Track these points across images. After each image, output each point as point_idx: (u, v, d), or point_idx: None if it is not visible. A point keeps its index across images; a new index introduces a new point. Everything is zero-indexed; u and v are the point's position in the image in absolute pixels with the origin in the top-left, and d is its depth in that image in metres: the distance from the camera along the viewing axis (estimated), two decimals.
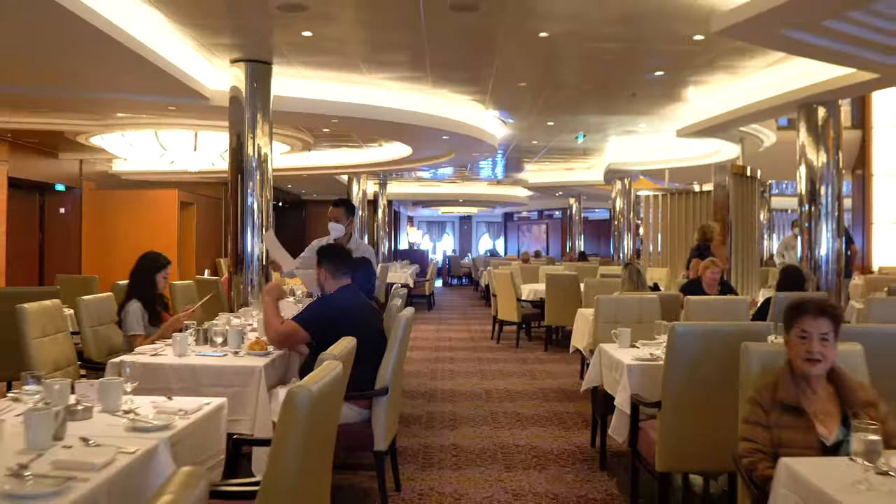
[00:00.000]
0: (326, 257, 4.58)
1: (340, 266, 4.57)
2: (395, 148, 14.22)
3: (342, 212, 6.19)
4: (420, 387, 8.14)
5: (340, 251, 4.73)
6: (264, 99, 8.09)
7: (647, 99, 10.04)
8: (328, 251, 4.66)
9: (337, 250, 4.72)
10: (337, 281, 4.54)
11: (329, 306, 4.43)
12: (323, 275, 4.56)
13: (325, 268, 4.56)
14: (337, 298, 4.47)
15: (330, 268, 4.54)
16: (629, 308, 6.01)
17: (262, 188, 8.06)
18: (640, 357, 4.59)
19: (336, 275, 4.54)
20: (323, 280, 4.57)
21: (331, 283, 4.55)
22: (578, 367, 9.10)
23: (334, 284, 4.53)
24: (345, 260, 4.63)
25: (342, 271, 4.56)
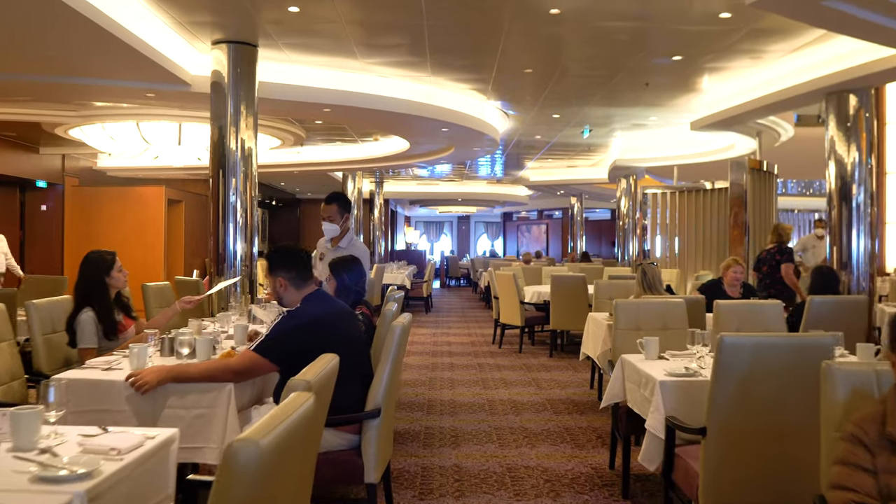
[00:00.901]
0: (280, 262, 3.80)
1: (301, 270, 3.79)
2: (391, 142, 13.58)
3: (335, 209, 5.58)
4: (418, 397, 7.50)
5: (295, 252, 3.89)
6: (249, 85, 7.46)
7: (660, 88, 9.41)
8: (282, 254, 3.87)
9: (291, 251, 3.89)
10: (299, 290, 3.77)
11: (295, 324, 3.62)
12: (280, 285, 3.79)
13: (282, 276, 3.78)
14: (304, 313, 3.68)
15: (287, 275, 3.77)
16: (652, 313, 5.38)
17: (247, 185, 7.44)
18: (674, 372, 3.95)
19: (297, 282, 3.77)
20: (281, 291, 3.80)
21: (292, 293, 3.78)
22: (588, 375, 8.50)
23: (296, 295, 3.77)
24: (304, 262, 3.84)
25: (303, 276, 3.80)
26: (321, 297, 3.82)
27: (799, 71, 7.93)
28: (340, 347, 3.62)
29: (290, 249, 3.91)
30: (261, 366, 3.56)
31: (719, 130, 10.34)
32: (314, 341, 3.54)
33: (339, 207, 5.59)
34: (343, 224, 5.63)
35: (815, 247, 12.45)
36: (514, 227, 35.46)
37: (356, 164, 15.30)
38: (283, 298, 3.80)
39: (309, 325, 3.62)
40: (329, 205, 5.62)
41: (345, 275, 4.72)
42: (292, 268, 3.77)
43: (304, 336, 3.57)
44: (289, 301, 3.77)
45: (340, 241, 5.68)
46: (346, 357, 3.67)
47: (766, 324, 5.32)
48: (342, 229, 5.65)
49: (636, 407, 4.26)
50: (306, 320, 3.63)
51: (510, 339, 11.43)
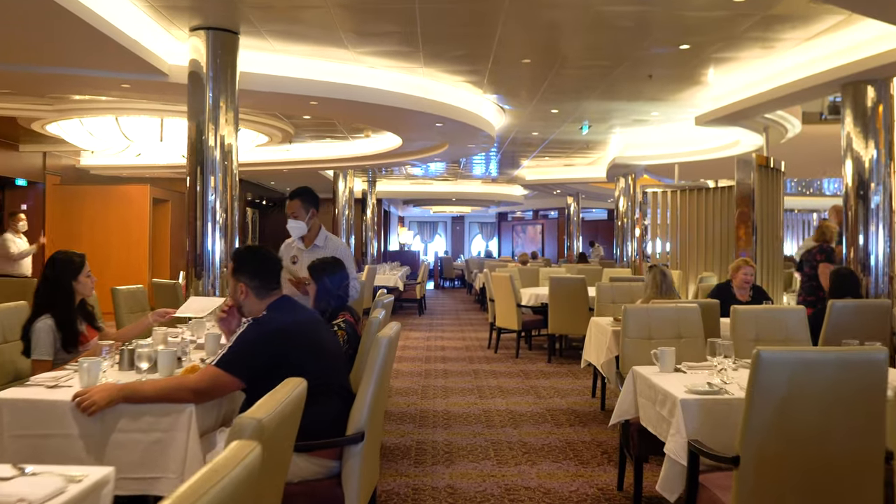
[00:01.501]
0: (247, 266, 3.35)
1: (267, 279, 3.34)
2: (383, 139, 13.13)
3: (299, 205, 5.14)
4: (409, 407, 7.05)
5: (267, 258, 3.45)
6: (229, 75, 7.01)
7: (663, 81, 8.97)
8: (251, 257, 3.42)
9: (263, 257, 3.44)
10: (262, 300, 3.32)
11: (261, 334, 3.16)
12: (241, 291, 3.33)
13: (244, 282, 3.32)
14: (271, 321, 3.22)
15: (251, 283, 3.32)
16: (664, 320, 4.93)
17: (227, 184, 6.98)
18: (696, 389, 3.50)
19: (260, 292, 3.32)
20: (241, 299, 3.34)
21: (253, 302, 3.32)
22: (589, 382, 8.06)
23: (258, 305, 3.31)
24: (274, 271, 3.41)
25: (268, 286, 3.34)
26: (290, 305, 3.37)
27: (813, 61, 7.50)
28: (315, 361, 3.19)
29: (262, 254, 3.46)
30: (223, 383, 3.10)
31: (726, 125, 9.89)
32: (284, 353, 3.11)
33: (304, 202, 5.14)
34: (310, 221, 5.17)
35: None
36: (509, 227, 35.02)
37: (347, 161, 14.84)
38: (243, 307, 3.35)
39: (277, 335, 3.16)
40: (292, 200, 5.17)
41: (326, 278, 4.28)
42: (258, 275, 3.33)
43: (272, 347, 3.12)
44: (249, 310, 3.32)
45: (315, 239, 5.23)
46: (322, 372, 3.23)
47: (788, 332, 4.89)
48: (310, 227, 5.19)
49: (651, 426, 3.82)
50: (274, 329, 3.18)
51: (506, 344, 10.98)
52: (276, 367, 3.08)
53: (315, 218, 5.19)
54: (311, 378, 3.21)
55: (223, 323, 3.60)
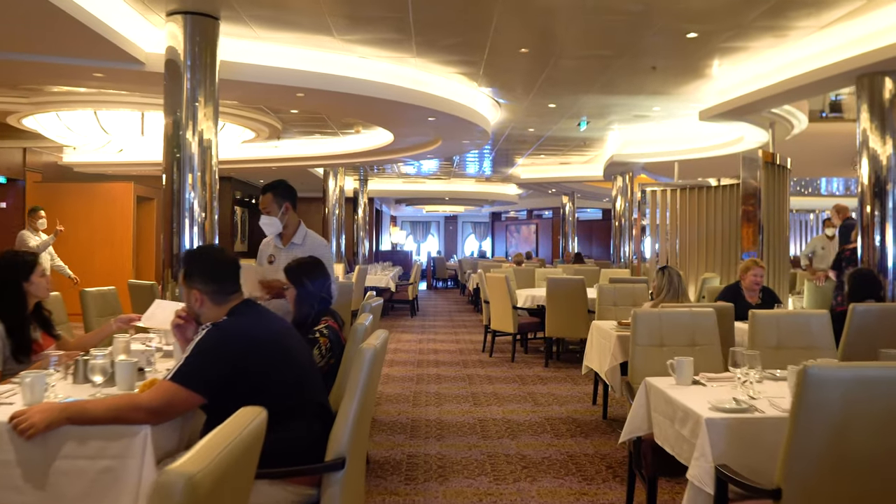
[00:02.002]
0: (197, 270, 2.95)
1: (223, 283, 2.94)
2: (375, 135, 12.72)
3: (271, 199, 4.71)
4: (400, 416, 6.64)
5: (218, 258, 3.04)
6: (208, 64, 6.58)
7: (667, 73, 8.58)
8: (200, 260, 3.03)
9: (213, 258, 3.04)
10: (220, 306, 2.92)
11: (222, 341, 2.75)
12: (196, 299, 2.93)
13: (198, 287, 2.92)
14: (233, 326, 2.82)
15: (205, 288, 2.92)
16: (677, 325, 4.53)
17: (206, 181, 6.55)
18: (723, 406, 3.10)
19: (217, 295, 2.91)
20: (197, 307, 2.94)
21: (210, 310, 2.92)
22: (589, 388, 7.67)
23: (217, 311, 2.91)
24: (228, 272, 2.99)
25: (226, 290, 2.94)
26: (254, 309, 2.97)
27: (826, 52, 7.12)
28: (285, 373, 2.79)
29: (214, 255, 3.05)
30: (180, 400, 2.68)
31: (731, 121, 9.51)
32: (249, 363, 2.70)
33: (276, 196, 4.70)
34: (284, 216, 4.74)
35: (824, 248, 11.71)
36: (503, 227, 34.62)
37: (338, 158, 14.40)
38: (201, 316, 2.94)
39: (241, 341, 2.76)
40: (264, 195, 4.74)
41: (306, 280, 3.87)
42: (212, 279, 2.93)
43: (234, 356, 2.72)
44: (207, 319, 2.90)
45: (293, 237, 4.80)
46: (295, 386, 2.83)
47: (811, 338, 4.50)
48: (285, 223, 4.77)
49: (668, 445, 3.42)
50: (237, 335, 2.78)
51: (501, 347, 10.59)
52: (241, 379, 2.68)
53: (290, 213, 4.76)
54: (282, 394, 2.81)
55: (179, 331, 3.18)
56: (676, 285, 5.59)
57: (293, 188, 4.84)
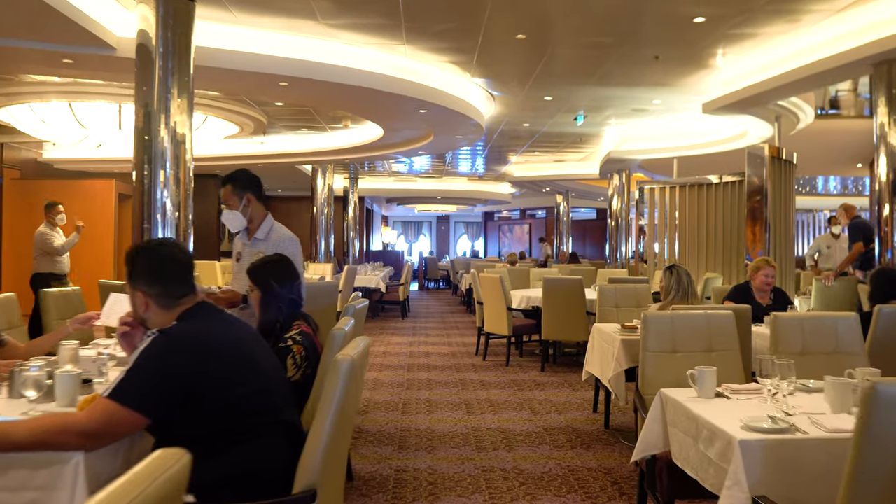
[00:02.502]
0: (143, 270, 2.51)
1: (170, 285, 2.50)
2: (364, 130, 12.29)
3: (230, 191, 4.28)
4: (389, 425, 6.20)
5: (159, 250, 2.58)
6: (183, 49, 6.10)
7: (670, 63, 8.18)
8: (145, 257, 2.54)
9: (153, 251, 2.58)
10: (170, 308, 2.48)
11: (169, 349, 2.30)
12: (141, 303, 2.50)
13: (142, 290, 2.49)
14: (182, 331, 2.38)
15: (151, 289, 2.48)
16: (692, 329, 4.10)
17: (179, 178, 6.10)
18: (757, 425, 2.68)
19: (165, 298, 2.47)
20: (142, 311, 2.51)
21: (157, 315, 2.48)
22: (588, 394, 7.27)
23: (165, 317, 2.47)
24: (175, 265, 2.56)
25: (175, 293, 2.50)
26: (209, 312, 2.53)
27: (840, 38, 6.73)
28: (246, 386, 2.36)
29: (163, 252, 2.59)
30: (120, 421, 2.24)
31: (736, 113, 9.11)
32: (202, 374, 2.27)
33: (236, 188, 4.27)
34: (247, 209, 4.29)
35: (829, 247, 11.36)
36: (496, 226, 34.20)
37: (326, 155, 13.95)
38: (147, 322, 2.51)
39: (192, 349, 2.33)
40: (224, 187, 4.31)
41: (272, 281, 3.44)
42: (159, 280, 2.49)
43: (184, 367, 2.28)
44: (156, 319, 2.49)
45: (257, 231, 4.35)
46: (258, 402, 2.40)
47: (837, 343, 4.09)
48: (249, 216, 4.32)
49: (691, 468, 3.00)
50: (187, 341, 2.34)
51: (495, 350, 10.17)
52: (192, 394, 2.25)
53: (254, 204, 4.31)
54: (243, 411, 2.38)
55: (125, 340, 2.75)
56: (686, 285, 5.17)
57: (256, 177, 4.40)
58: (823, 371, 3.67)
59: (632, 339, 5.44)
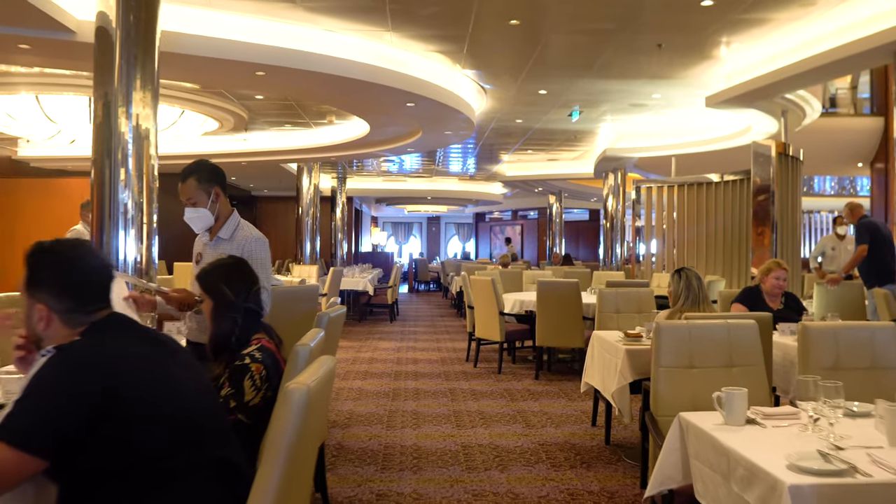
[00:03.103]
0: (46, 276, 2.01)
1: (83, 290, 2.01)
2: (350, 126, 11.79)
3: (194, 185, 3.72)
4: (372, 441, 5.71)
5: (71, 254, 2.06)
6: (147, 33, 5.56)
7: (674, 52, 7.71)
8: (45, 259, 2.03)
9: (63, 254, 2.05)
10: (77, 324, 1.98)
11: (69, 372, 1.81)
12: (40, 317, 1.98)
13: (44, 301, 1.98)
14: (84, 348, 1.89)
15: (58, 303, 1.99)
16: (711, 341, 3.62)
17: (143, 177, 5.56)
18: (808, 465, 2.19)
19: (74, 315, 1.99)
20: (41, 328, 1.99)
21: (58, 331, 1.98)
22: (586, 406, 6.82)
23: (68, 333, 1.97)
24: (90, 273, 2.06)
25: (87, 300, 2.01)
26: (121, 323, 2.04)
27: (859, 24, 6.27)
28: (169, 416, 1.87)
29: (74, 255, 2.06)
30: (6, 466, 1.75)
31: (740, 107, 8.64)
32: (110, 402, 1.78)
33: (201, 182, 3.72)
34: (215, 205, 3.76)
35: (834, 249, 10.93)
36: (487, 228, 33.72)
37: (312, 152, 13.41)
38: (44, 341, 2.01)
39: (98, 369, 1.83)
40: (184, 182, 3.74)
41: (225, 287, 2.94)
42: (69, 294, 2.00)
43: (89, 388, 1.79)
44: (54, 335, 1.99)
45: (221, 230, 3.80)
46: (184, 437, 1.91)
47: (874, 356, 3.62)
48: (217, 213, 3.79)
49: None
50: (92, 363, 1.84)
51: (487, 356, 9.68)
52: (98, 424, 1.76)
53: (221, 200, 3.78)
54: (161, 447, 1.89)
55: (22, 364, 2.24)
56: (696, 290, 4.70)
57: (220, 168, 3.87)
58: (860, 389, 3.22)
59: (637, 349, 4.97)
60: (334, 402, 7.05)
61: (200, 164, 3.81)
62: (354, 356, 9.91)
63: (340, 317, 4.07)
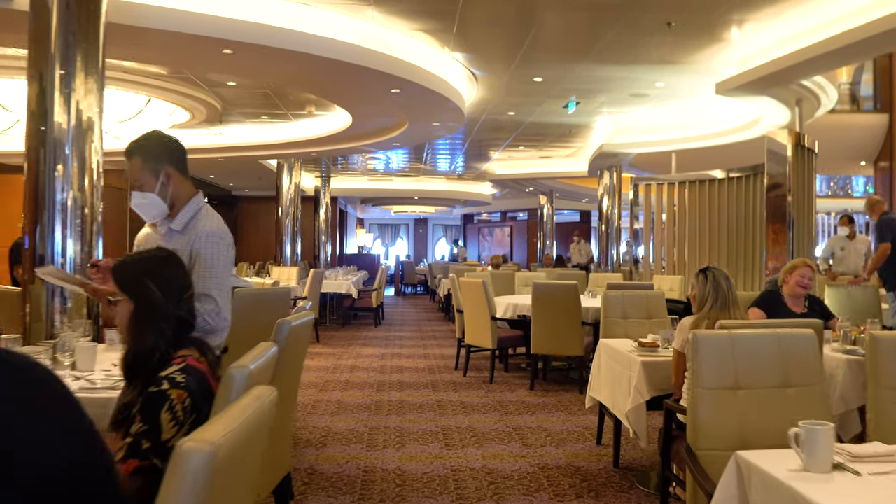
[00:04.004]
0: None
1: None
2: (331, 119, 11.08)
3: (139, 164, 2.99)
4: (349, 464, 5.02)
5: None
6: (89, 3, 4.86)
7: (684, 33, 7.04)
8: None
9: None
10: None
11: None
12: None
13: None
14: None
15: None
16: (760, 355, 2.93)
17: (84, 172, 4.84)
18: None
19: None
20: None
21: None
22: (588, 421, 6.18)
23: None
24: None
25: None
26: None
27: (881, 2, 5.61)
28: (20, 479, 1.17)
29: None
30: None
31: (753, 94, 7.97)
32: None
33: (146, 161, 3.00)
34: (166, 189, 3.02)
35: (843, 249, 10.35)
36: (475, 229, 33.03)
37: (292, 147, 12.67)
38: None
39: None
40: (129, 161, 3.01)
41: (150, 285, 2.25)
42: None
43: None
44: None
45: (177, 215, 3.06)
46: None
47: None
48: (170, 199, 3.07)
49: None
50: None
51: (477, 364, 9.01)
52: None
53: (176, 181, 3.04)
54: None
55: None
56: (726, 293, 4.01)
57: (176, 142, 3.13)
58: None
59: (655, 360, 4.31)
60: (309, 416, 6.36)
61: (148, 138, 3.06)
62: (335, 364, 9.20)
63: (305, 326, 3.37)
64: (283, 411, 3.21)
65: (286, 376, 3.17)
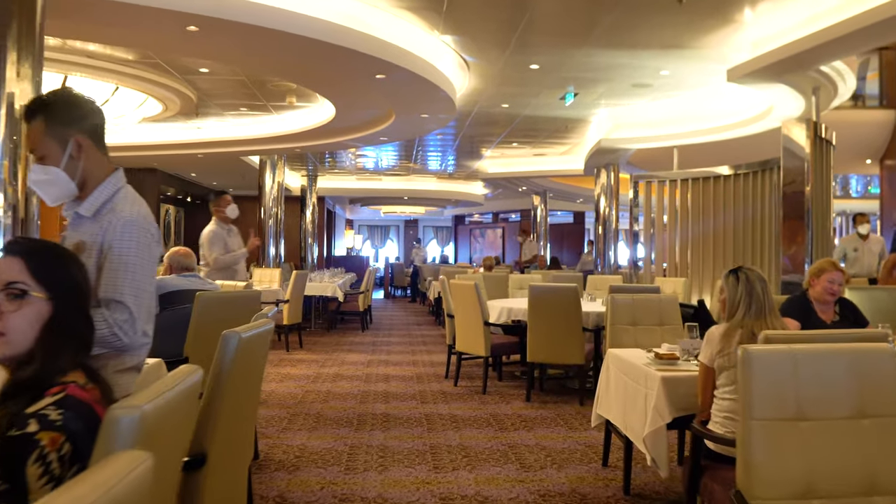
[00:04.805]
0: None
1: None
2: (314, 111, 10.47)
3: (41, 129, 2.30)
4: (325, 491, 4.41)
5: None
6: None
7: (695, 12, 6.43)
8: None
9: None
10: None
11: None
12: None
13: None
14: None
15: None
16: (827, 377, 2.33)
17: (17, 170, 4.21)
18: None
19: None
20: None
21: None
22: (593, 438, 5.60)
23: None
24: None
25: None
26: None
27: None
28: None
29: None
30: None
31: (768, 81, 7.37)
32: None
33: (49, 124, 2.32)
34: (75, 164, 2.35)
35: (857, 250, 9.83)
36: (467, 231, 32.40)
37: (274, 142, 12.01)
38: None
39: None
40: (29, 124, 2.33)
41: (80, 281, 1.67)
42: None
43: None
44: None
45: (88, 197, 2.38)
46: None
47: None
48: (81, 175, 2.38)
49: None
50: None
51: (468, 371, 8.42)
52: None
53: (89, 153, 2.36)
54: None
55: None
56: (762, 298, 3.41)
57: (93, 104, 2.46)
58: None
59: (676, 375, 3.70)
60: (284, 433, 5.73)
61: (55, 96, 2.39)
62: (317, 372, 8.58)
63: (261, 337, 2.74)
64: (233, 457, 2.58)
65: (234, 409, 2.53)
